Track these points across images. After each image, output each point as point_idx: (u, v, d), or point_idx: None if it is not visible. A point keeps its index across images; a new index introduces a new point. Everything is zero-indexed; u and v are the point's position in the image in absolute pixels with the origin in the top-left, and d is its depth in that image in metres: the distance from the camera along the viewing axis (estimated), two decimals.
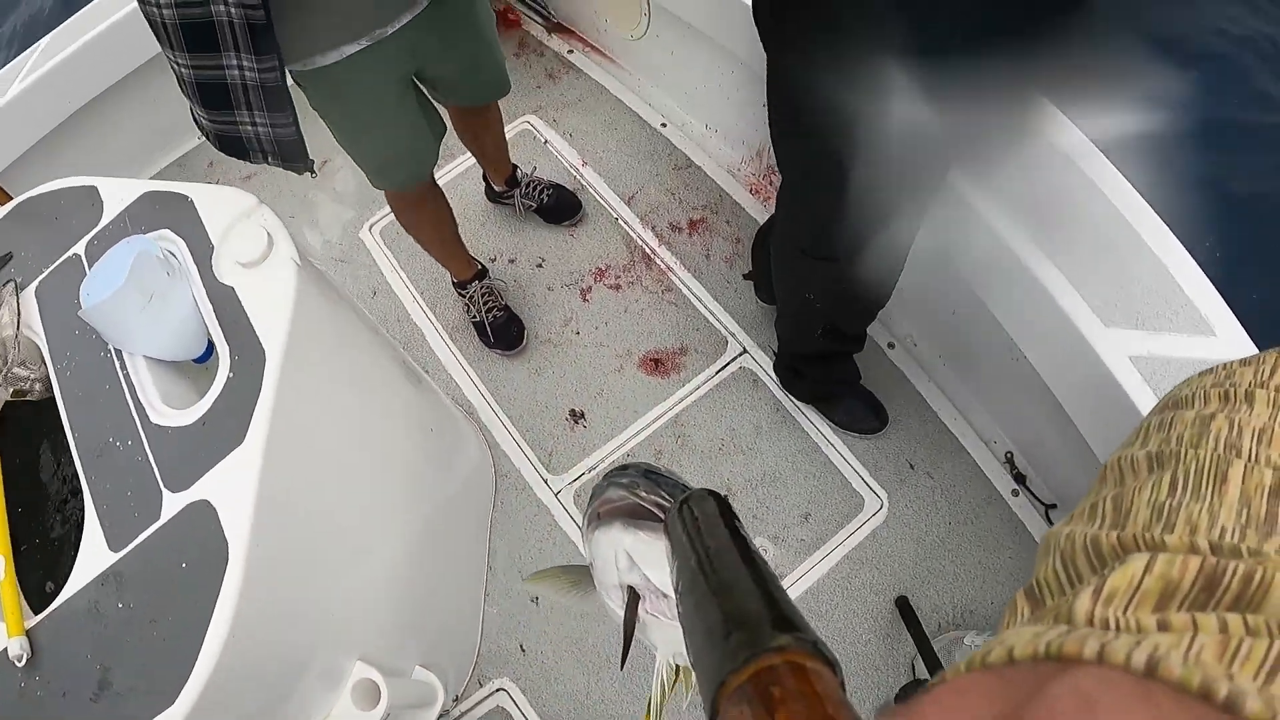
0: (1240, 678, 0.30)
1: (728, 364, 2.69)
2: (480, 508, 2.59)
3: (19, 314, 1.69)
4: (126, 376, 1.55)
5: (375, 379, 1.93)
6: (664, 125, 3.15)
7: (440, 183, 3.05)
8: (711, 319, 2.76)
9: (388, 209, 2.60)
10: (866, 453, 2.53)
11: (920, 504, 2.45)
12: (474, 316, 2.77)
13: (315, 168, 1.84)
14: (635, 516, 0.69)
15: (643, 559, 0.68)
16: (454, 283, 2.76)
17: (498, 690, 2.42)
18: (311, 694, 1.65)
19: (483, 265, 2.75)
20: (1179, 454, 0.51)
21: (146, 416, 1.47)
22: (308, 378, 1.54)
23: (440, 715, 2.27)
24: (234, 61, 1.60)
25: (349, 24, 1.74)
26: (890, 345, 2.64)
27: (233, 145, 1.77)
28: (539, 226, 3.00)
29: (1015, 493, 2.41)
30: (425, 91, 2.12)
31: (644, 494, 0.69)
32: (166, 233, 1.65)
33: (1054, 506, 2.34)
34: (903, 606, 2.29)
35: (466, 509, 2.52)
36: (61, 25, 3.07)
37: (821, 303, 2.07)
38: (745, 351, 2.69)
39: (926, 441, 2.52)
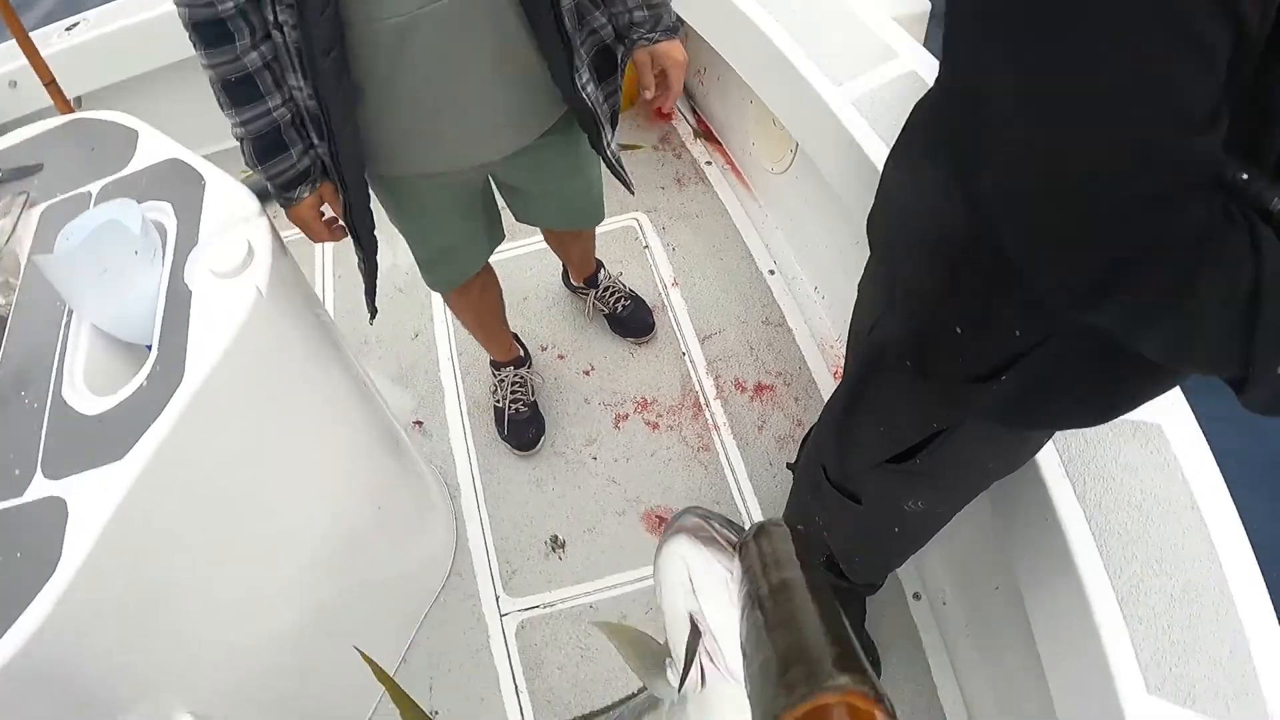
0: None
1: None
2: (419, 597, 2.39)
3: (14, 229, 1.68)
4: (66, 338, 1.50)
5: (325, 438, 1.77)
6: (771, 272, 2.94)
7: (515, 254, 2.92)
8: (737, 498, 2.52)
9: None
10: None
11: None
12: (497, 401, 2.59)
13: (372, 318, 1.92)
14: (705, 540, 0.72)
15: (701, 583, 0.70)
16: (491, 360, 2.58)
17: None
18: None
19: (524, 353, 2.57)
20: None
21: (61, 388, 1.41)
22: (226, 413, 1.42)
23: None
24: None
25: (430, 153, 1.64)
26: (916, 596, 2.35)
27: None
28: (603, 332, 2.81)
29: None
30: (497, 192, 1.98)
31: (717, 525, 0.73)
32: (166, 207, 1.58)
33: None
34: None
35: (402, 594, 2.32)
36: None
37: (830, 532, 1.81)
38: None
39: (913, 715, 2.22)
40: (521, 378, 2.56)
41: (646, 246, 3.03)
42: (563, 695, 2.29)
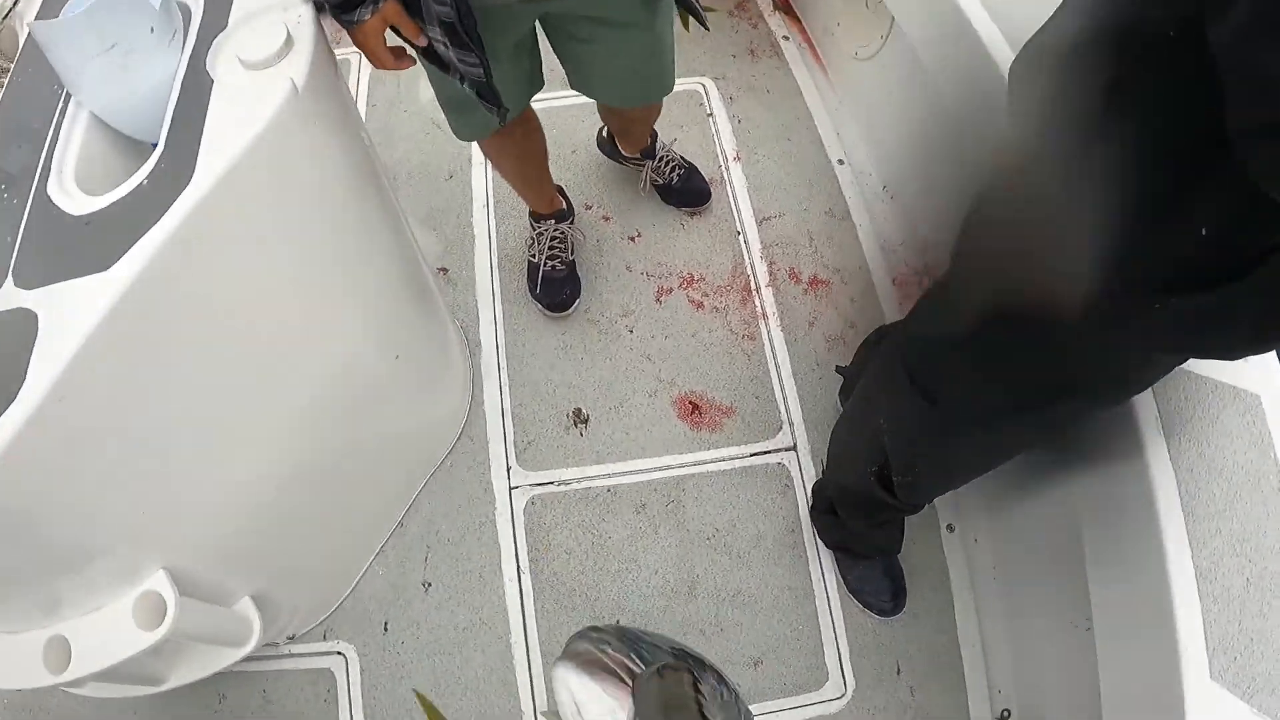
0: None
1: (768, 452, 2.25)
2: (424, 458, 2.20)
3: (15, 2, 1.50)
4: (59, 126, 1.27)
5: (348, 271, 1.54)
6: (841, 162, 2.70)
7: (565, 103, 2.66)
8: (778, 394, 2.32)
9: None
10: (860, 630, 2.09)
11: (885, 716, 2.02)
12: (532, 256, 2.36)
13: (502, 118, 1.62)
14: (595, 668, 0.71)
15: (586, 709, 0.70)
16: (530, 211, 2.34)
17: (336, 653, 2.10)
18: (86, 582, 1.35)
19: (567, 207, 2.33)
20: None
21: (46, 184, 1.20)
22: (238, 227, 1.19)
23: (269, 645, 2.05)
24: None
25: None
26: (950, 528, 2.18)
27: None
28: (653, 199, 2.56)
29: None
30: (542, 36, 1.73)
31: (611, 652, 0.72)
32: None
33: None
34: None
35: (406, 453, 2.14)
36: None
37: (890, 438, 1.61)
38: (794, 449, 2.25)
39: (929, 652, 2.08)
40: (562, 233, 2.33)
41: (710, 114, 2.77)
42: (567, 582, 2.12)
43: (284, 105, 1.14)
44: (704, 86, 2.82)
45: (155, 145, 1.19)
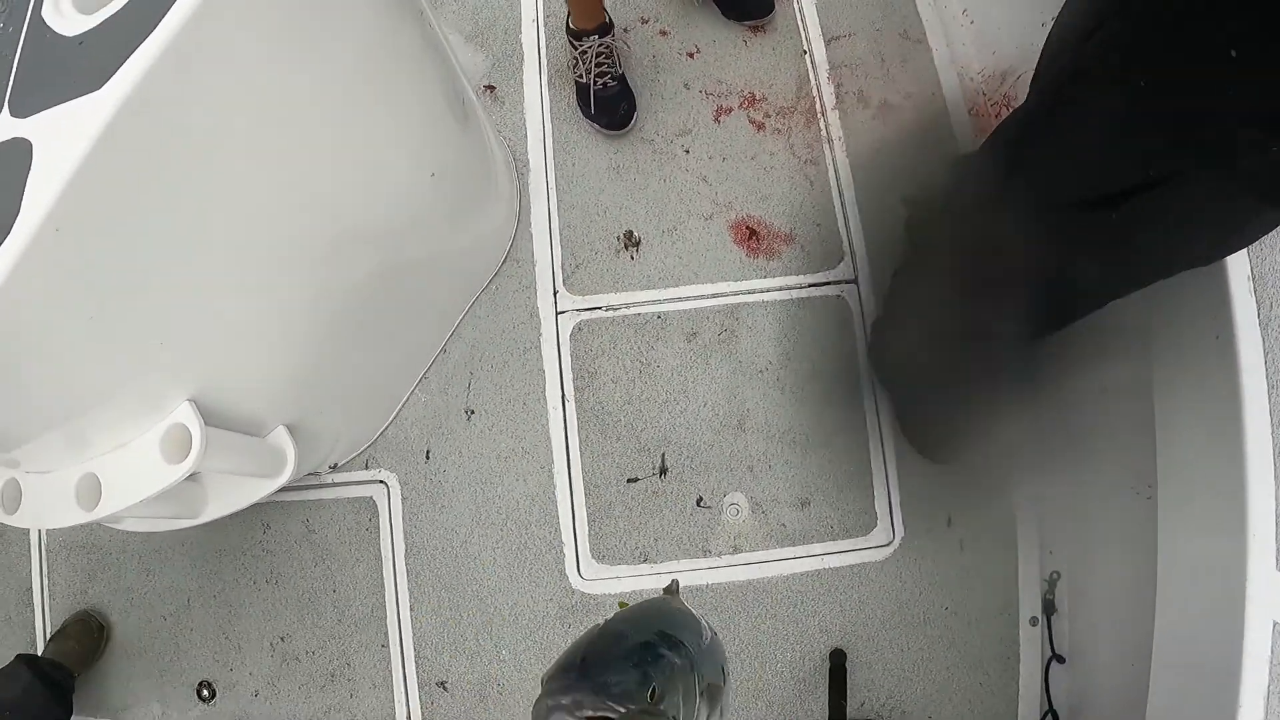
0: None
1: (828, 284, 2.14)
2: (470, 281, 2.12)
3: None
4: None
5: (375, 89, 1.42)
6: None
7: None
8: (840, 222, 2.19)
9: None
10: (912, 476, 2.03)
11: (930, 568, 1.99)
12: (579, 76, 2.21)
13: None
14: None
15: None
16: (568, 29, 2.18)
17: (379, 481, 2.10)
18: (111, 417, 1.35)
19: (609, 19, 2.16)
20: None
21: (41, 7, 1.13)
22: (241, 37, 1.11)
23: (311, 475, 2.06)
24: None
25: None
26: None
27: None
28: (712, 12, 2.37)
29: (1034, 621, 1.95)
30: None
31: (590, 711, 0.66)
32: None
33: (1062, 660, 1.88)
34: (836, 665, 1.91)
35: (449, 276, 2.06)
36: None
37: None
38: (854, 281, 2.14)
39: (982, 507, 2.02)
40: (607, 47, 2.17)
41: None
42: (613, 411, 2.07)
43: None
44: None
45: None
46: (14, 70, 1.09)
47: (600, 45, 2.17)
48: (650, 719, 0.64)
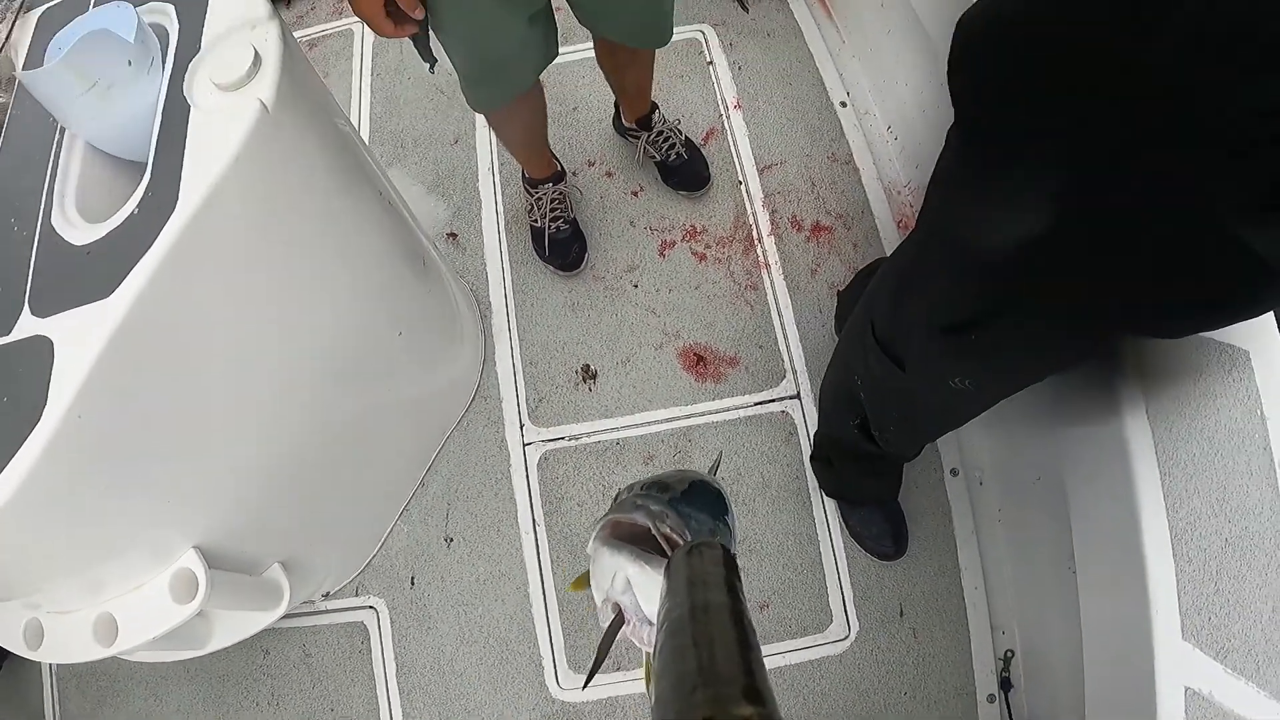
0: None
1: (772, 401, 2.31)
2: (443, 419, 2.30)
3: (8, 35, 1.50)
4: (58, 157, 1.36)
5: (341, 265, 1.61)
6: (843, 104, 2.69)
7: (569, 60, 2.68)
8: (781, 343, 2.36)
9: None
10: (864, 573, 2.16)
11: (888, 657, 2.10)
12: (534, 220, 2.41)
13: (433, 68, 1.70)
14: (648, 546, 0.73)
15: (640, 589, 0.71)
16: (524, 177, 2.38)
17: (369, 607, 2.23)
18: (125, 566, 1.48)
19: (561, 168, 2.36)
20: None
21: (50, 215, 1.28)
22: (225, 243, 1.26)
23: (306, 603, 2.19)
24: None
25: None
26: (954, 471, 2.22)
27: None
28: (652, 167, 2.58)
29: (992, 698, 2.05)
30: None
31: (669, 529, 0.73)
32: (169, 9, 1.38)
33: None
34: None
35: (423, 417, 2.23)
36: None
37: (866, 396, 1.66)
38: (797, 397, 2.30)
39: (932, 595, 2.14)
40: (560, 194, 2.37)
41: (710, 63, 2.76)
42: (579, 533, 2.22)
43: (255, 126, 1.20)
44: (703, 34, 2.81)
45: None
46: (31, 272, 1.23)
47: (555, 192, 2.36)
48: (709, 551, 0.65)
